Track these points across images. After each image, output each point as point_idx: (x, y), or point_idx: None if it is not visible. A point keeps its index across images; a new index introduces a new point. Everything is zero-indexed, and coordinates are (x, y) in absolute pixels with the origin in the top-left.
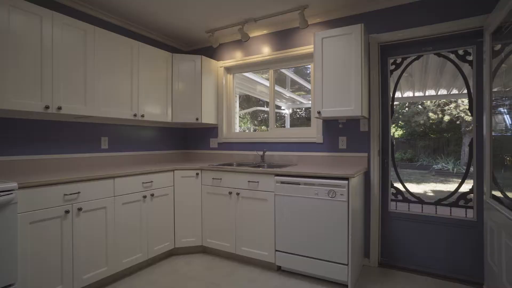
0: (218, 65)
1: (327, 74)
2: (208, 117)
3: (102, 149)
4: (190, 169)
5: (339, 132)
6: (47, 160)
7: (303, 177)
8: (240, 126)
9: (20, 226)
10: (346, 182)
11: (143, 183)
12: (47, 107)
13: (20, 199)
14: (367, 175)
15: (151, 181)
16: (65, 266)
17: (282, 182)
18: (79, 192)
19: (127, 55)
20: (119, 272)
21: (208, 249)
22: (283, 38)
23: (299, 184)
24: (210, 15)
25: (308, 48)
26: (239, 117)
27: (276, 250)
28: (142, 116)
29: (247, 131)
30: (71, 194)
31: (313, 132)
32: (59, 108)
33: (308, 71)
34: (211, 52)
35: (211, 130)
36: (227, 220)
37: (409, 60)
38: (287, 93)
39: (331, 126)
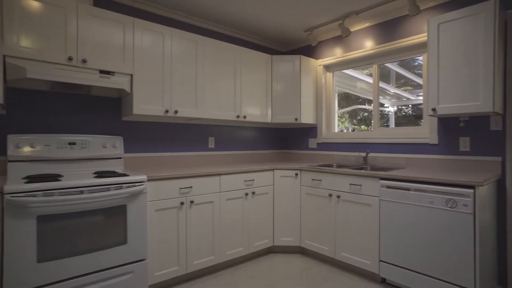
0: (317, 64)
1: (445, 64)
2: (307, 117)
3: (209, 148)
4: (289, 169)
5: (460, 131)
6: (165, 157)
7: (414, 182)
8: (337, 126)
9: (148, 212)
10: (472, 191)
11: (245, 181)
12: (166, 111)
13: (148, 189)
14: (500, 184)
15: (253, 180)
16: (180, 251)
17: (388, 187)
18: (191, 187)
19: (230, 60)
20: (223, 262)
21: (306, 251)
22: (388, 29)
23: (409, 190)
24: (309, 13)
25: (418, 38)
26: (337, 116)
27: (380, 261)
28: (244, 117)
29: (345, 130)
30: (185, 188)
31: (425, 132)
32: (176, 111)
33: (417, 63)
34: (310, 51)
35: (310, 130)
36: (326, 223)
37: None
38: (391, 89)
39: (449, 124)
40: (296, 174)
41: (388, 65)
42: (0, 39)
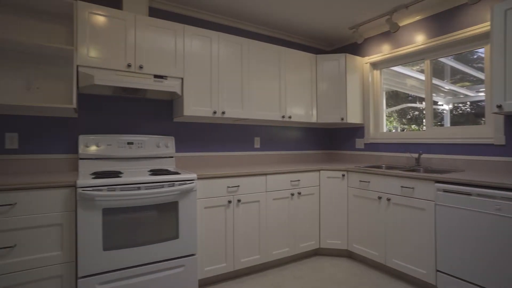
0: (363, 62)
1: None
2: (353, 117)
3: (255, 148)
4: (336, 170)
5: None
6: (213, 156)
7: (477, 186)
8: (385, 126)
9: (198, 209)
10: None
11: (291, 181)
12: (214, 112)
13: (198, 187)
14: None
15: (298, 180)
16: (228, 248)
17: (445, 191)
18: (238, 186)
19: (275, 61)
20: (269, 262)
21: (353, 255)
22: (442, 21)
23: (470, 194)
24: (354, 10)
25: (479, 28)
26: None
27: (438, 271)
28: (289, 117)
29: (393, 130)
30: (232, 187)
31: (488, 132)
32: (223, 112)
33: (476, 56)
34: (355, 48)
35: (357, 130)
36: (375, 227)
37: None
38: (446, 86)
39: None
40: (343, 175)
41: (443, 59)
42: (75, 52)
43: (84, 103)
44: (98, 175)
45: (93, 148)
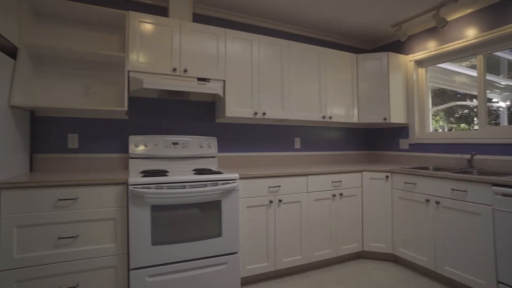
0: (407, 60)
1: None
2: (397, 116)
3: (295, 149)
4: (379, 171)
5: None
6: (254, 157)
7: None
8: (431, 125)
9: (240, 208)
10: None
11: (332, 182)
12: (255, 113)
13: (240, 187)
14: None
15: (340, 181)
16: (269, 248)
17: (505, 195)
18: (280, 186)
19: (314, 62)
20: (310, 263)
21: (399, 259)
22: (496, 13)
23: None
24: (397, 7)
25: None
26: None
27: (499, 282)
28: (330, 117)
29: (440, 130)
30: (274, 187)
31: None
32: (264, 113)
33: None
34: (398, 46)
35: (401, 130)
36: (423, 231)
37: None
38: (503, 81)
39: None
40: (387, 177)
41: (498, 53)
42: (127, 58)
43: (134, 106)
44: (146, 173)
45: (141, 148)
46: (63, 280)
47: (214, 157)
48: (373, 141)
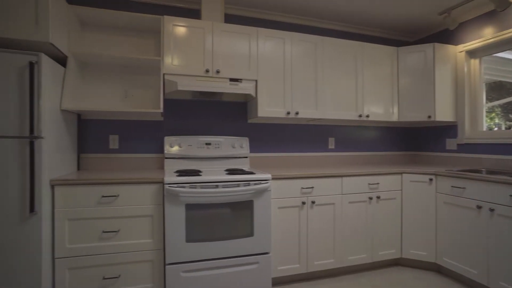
0: (457, 50)
1: None
2: (443, 114)
3: (329, 149)
4: (421, 174)
5: None
6: (286, 157)
7: None
8: (485, 123)
9: (272, 209)
10: None
11: (369, 184)
12: (288, 113)
13: (272, 187)
14: None
15: (377, 183)
16: (301, 249)
17: None
18: (313, 187)
19: (350, 57)
20: (343, 267)
21: (443, 269)
22: None
23: None
24: None
25: None
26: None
27: None
28: (367, 116)
29: (495, 128)
30: (307, 188)
31: None
32: (297, 113)
33: None
34: (446, 36)
35: (447, 129)
36: (473, 240)
37: None
38: None
39: None
40: (431, 180)
41: None
42: (162, 62)
43: (169, 108)
44: (181, 173)
45: (176, 148)
46: (107, 271)
47: (246, 157)
48: (414, 141)
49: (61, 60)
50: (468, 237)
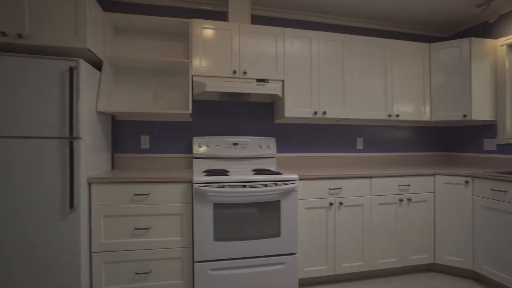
0: (497, 45)
1: None
2: (480, 113)
3: (357, 149)
4: (456, 175)
5: None
6: (313, 157)
7: None
8: None
9: (299, 210)
10: None
11: (399, 185)
12: (315, 113)
13: (299, 188)
14: None
15: (408, 185)
16: (329, 251)
17: None
18: (340, 188)
19: (379, 55)
20: (372, 271)
21: (481, 278)
22: None
23: None
24: None
25: None
26: None
27: None
28: (397, 116)
29: None
30: (334, 189)
31: None
32: (324, 113)
33: None
34: (483, 30)
35: (485, 128)
36: None
37: None
38: None
39: None
40: (467, 182)
41: None
42: (190, 64)
43: (197, 108)
44: (209, 172)
45: (204, 148)
46: (139, 266)
47: (273, 157)
48: (448, 141)
49: (97, 64)
50: (510, 245)
